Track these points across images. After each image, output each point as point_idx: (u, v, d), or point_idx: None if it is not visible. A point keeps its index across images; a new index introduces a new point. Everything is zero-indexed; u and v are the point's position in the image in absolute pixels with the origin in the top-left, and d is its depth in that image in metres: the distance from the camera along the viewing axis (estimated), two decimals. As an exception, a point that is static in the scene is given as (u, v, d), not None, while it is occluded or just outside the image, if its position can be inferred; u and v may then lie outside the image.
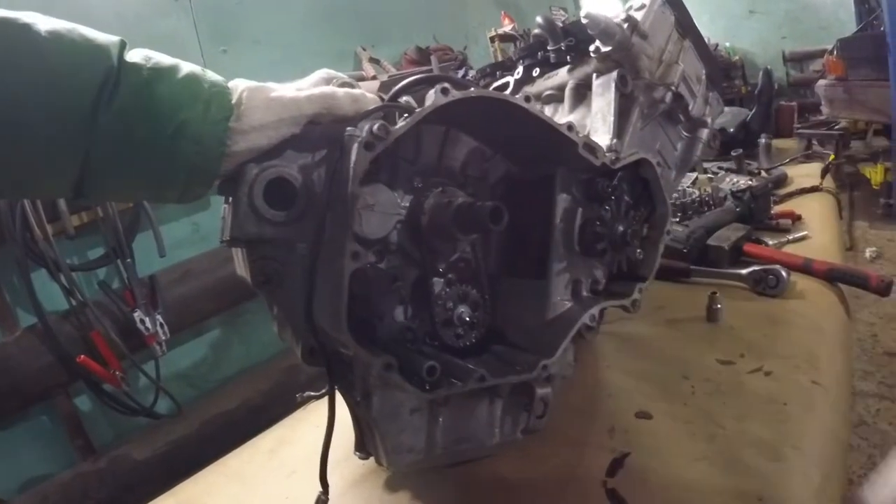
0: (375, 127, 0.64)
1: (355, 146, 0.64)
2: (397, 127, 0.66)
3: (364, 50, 3.11)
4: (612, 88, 0.90)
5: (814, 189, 1.80)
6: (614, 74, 0.91)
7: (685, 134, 1.04)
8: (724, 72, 3.08)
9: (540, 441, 0.93)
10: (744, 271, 1.31)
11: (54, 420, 2.09)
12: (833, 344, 1.12)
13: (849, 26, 3.23)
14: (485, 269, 0.88)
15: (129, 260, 2.32)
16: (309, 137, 0.71)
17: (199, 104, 0.62)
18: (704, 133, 1.04)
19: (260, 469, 1.09)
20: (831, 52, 3.20)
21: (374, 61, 3.09)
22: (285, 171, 0.69)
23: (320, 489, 0.78)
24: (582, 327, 0.86)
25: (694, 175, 1.84)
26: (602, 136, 0.91)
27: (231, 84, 0.67)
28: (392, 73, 2.66)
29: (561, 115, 1.05)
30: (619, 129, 0.91)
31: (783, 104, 2.76)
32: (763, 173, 1.87)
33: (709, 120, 1.04)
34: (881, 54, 2.92)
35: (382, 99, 0.81)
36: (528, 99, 0.76)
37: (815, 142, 2.39)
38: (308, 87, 0.75)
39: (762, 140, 2.07)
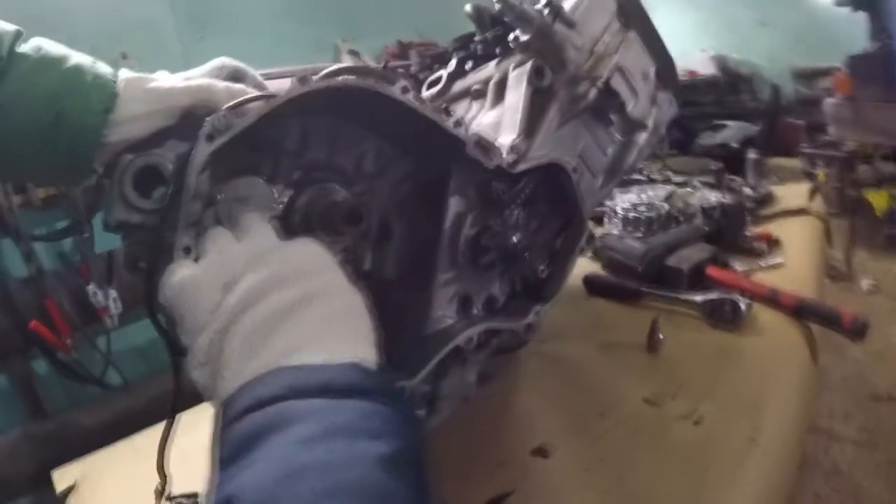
0: (217, 118, 0.59)
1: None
2: (242, 119, 0.60)
3: (344, 42, 3.01)
4: (525, 82, 0.77)
5: (799, 211, 1.64)
6: (528, 66, 0.77)
7: (618, 136, 0.90)
8: (730, 84, 2.92)
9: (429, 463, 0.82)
10: (698, 298, 1.17)
11: (11, 381, 2.11)
12: (785, 392, 0.98)
13: (861, 43, 3.03)
14: (373, 274, 0.79)
15: (86, 235, 2.28)
16: (195, 127, 0.66)
17: (79, 95, 0.64)
18: (642, 137, 0.90)
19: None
20: (840, 70, 3.02)
21: (354, 54, 2.98)
22: (156, 160, 0.66)
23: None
24: (464, 348, 0.74)
25: (670, 188, 1.70)
26: (508, 134, 0.78)
27: (119, 76, 0.68)
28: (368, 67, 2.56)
29: (483, 112, 0.92)
30: (530, 128, 0.78)
31: (789, 121, 2.60)
32: (746, 190, 1.71)
33: (650, 123, 0.91)
34: (892, 73, 2.73)
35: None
36: (405, 90, 0.66)
37: (819, 163, 2.22)
38: (198, 76, 0.75)
39: (750, 155, 1.91)
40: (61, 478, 1.13)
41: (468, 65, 1.00)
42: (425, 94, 1.05)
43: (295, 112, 0.70)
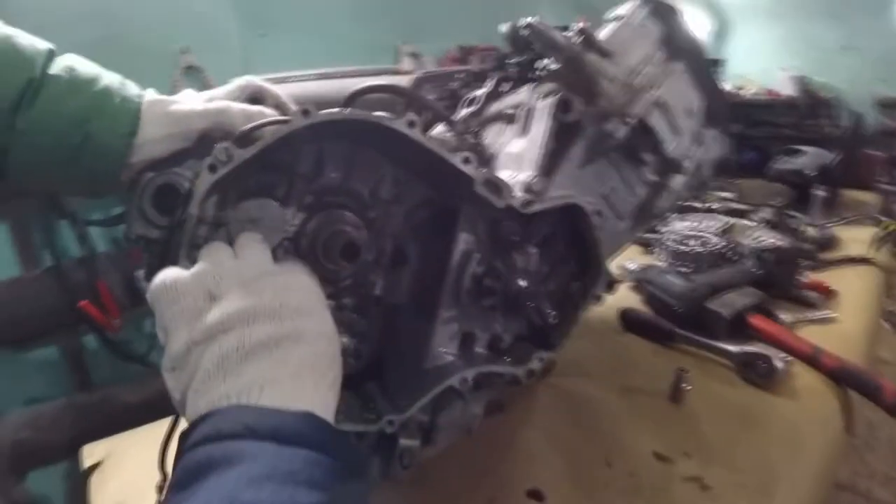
0: (219, 150, 0.60)
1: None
2: (242, 151, 0.61)
3: (405, 45, 2.99)
4: (549, 115, 0.73)
5: (862, 260, 1.51)
6: (554, 99, 0.73)
7: (651, 178, 0.84)
8: (810, 107, 2.73)
9: (416, 487, 0.85)
10: (733, 349, 1.10)
11: (62, 353, 2.17)
12: (808, 466, 0.91)
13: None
14: (384, 299, 0.78)
15: (138, 223, 2.38)
16: (212, 149, 0.67)
17: (106, 118, 0.68)
18: (679, 180, 0.84)
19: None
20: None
21: (414, 56, 2.95)
22: (174, 178, 0.71)
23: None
24: (458, 389, 0.71)
25: (727, 220, 1.61)
26: (526, 170, 0.74)
27: (145, 98, 0.71)
28: (428, 70, 2.52)
29: (513, 140, 0.88)
30: (549, 165, 0.74)
31: (869, 152, 2.41)
32: (809, 230, 1.59)
33: (689, 164, 0.85)
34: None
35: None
36: (411, 124, 0.64)
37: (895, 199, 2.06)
38: (219, 97, 0.78)
39: (818, 192, 1.78)
40: (90, 454, 1.18)
41: (505, 86, 0.97)
42: (461, 112, 1.02)
43: (309, 138, 0.69)
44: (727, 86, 2.99)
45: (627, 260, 1.43)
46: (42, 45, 0.70)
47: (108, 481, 1.09)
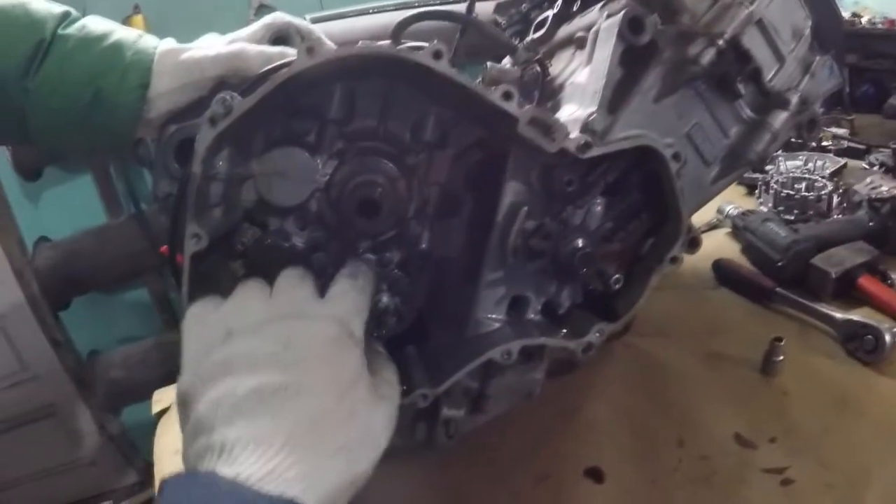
0: (216, 102, 0.54)
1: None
2: (243, 101, 0.54)
3: None
4: (614, 36, 0.60)
5: None
6: (621, 15, 0.59)
7: (748, 114, 0.69)
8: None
9: (465, 456, 0.79)
10: (838, 316, 0.93)
11: (150, 295, 2.26)
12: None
13: None
14: (431, 254, 0.70)
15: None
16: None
17: (115, 73, 0.65)
18: (782, 116, 0.68)
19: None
20: None
21: None
22: (194, 131, 0.62)
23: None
24: (500, 362, 0.62)
25: (841, 161, 1.38)
26: (587, 105, 0.61)
27: (158, 48, 0.67)
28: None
29: (581, 68, 0.75)
30: (615, 99, 0.61)
31: None
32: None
33: (795, 98, 0.68)
34: None
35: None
36: (437, 54, 0.54)
37: None
38: (243, 37, 0.72)
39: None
40: (159, 399, 1.19)
41: (576, 5, 0.83)
42: (532, 37, 0.89)
43: (335, 76, 0.61)
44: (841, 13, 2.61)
45: (726, 202, 1.26)
46: (58, 8, 0.68)
47: (172, 427, 1.09)
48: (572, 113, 0.64)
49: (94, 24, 0.67)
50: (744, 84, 0.68)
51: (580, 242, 0.60)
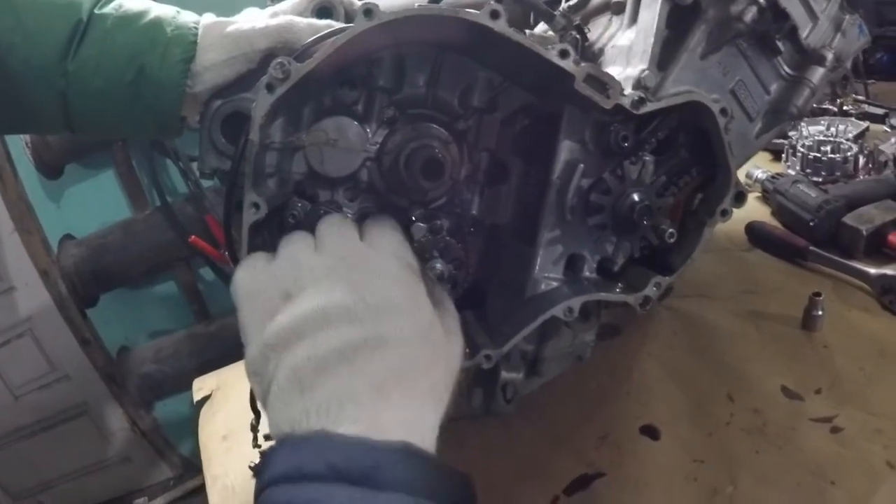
0: (275, 67, 0.54)
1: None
2: (300, 65, 0.54)
3: None
4: (660, -3, 0.62)
5: None
6: (665, -23, 0.62)
7: (787, 71, 0.71)
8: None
9: (524, 420, 0.80)
10: (872, 271, 0.96)
11: (179, 287, 2.28)
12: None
13: None
14: (482, 220, 0.72)
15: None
16: None
17: (158, 49, 0.65)
18: (818, 73, 0.71)
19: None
20: None
21: None
22: (242, 104, 0.66)
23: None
24: (563, 319, 0.64)
25: (864, 124, 1.40)
26: (637, 64, 0.64)
27: (202, 22, 0.68)
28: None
29: (621, 31, 0.77)
30: (665, 56, 0.63)
31: None
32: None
33: (829, 54, 0.71)
34: None
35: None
36: (495, 14, 0.55)
37: None
38: (286, 10, 0.72)
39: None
40: (199, 387, 1.22)
41: None
42: (566, 4, 0.91)
43: (385, 44, 0.63)
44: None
45: (754, 167, 1.28)
46: None
47: (217, 414, 1.12)
48: (620, 73, 0.67)
49: (131, 2, 0.67)
50: (782, 42, 0.71)
51: (637, 196, 0.63)
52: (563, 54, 0.57)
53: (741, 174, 1.29)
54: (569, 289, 0.68)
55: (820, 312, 0.90)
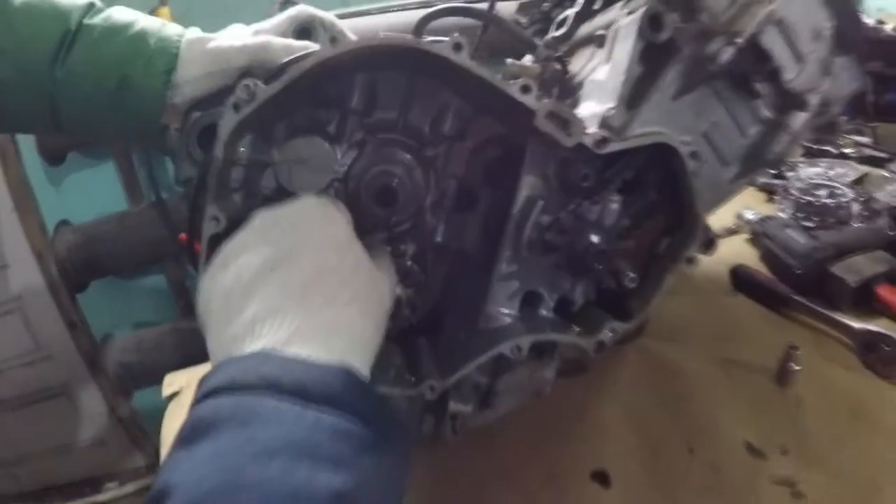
0: (240, 87, 0.56)
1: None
2: (266, 87, 0.56)
3: None
4: (634, 33, 0.59)
5: None
6: (641, 13, 0.59)
7: (766, 115, 0.68)
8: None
9: (475, 450, 0.79)
10: (856, 326, 0.92)
11: (168, 282, 2.25)
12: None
13: None
14: (446, 247, 0.71)
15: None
16: None
17: (141, 59, 0.67)
18: (799, 119, 0.67)
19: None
20: None
21: None
22: (218, 117, 0.63)
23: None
24: (510, 357, 0.62)
25: (863, 169, 1.36)
26: (606, 101, 0.61)
27: (185, 37, 0.70)
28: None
29: (600, 65, 0.75)
30: (634, 95, 0.60)
31: None
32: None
33: (814, 99, 0.67)
34: None
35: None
36: (457, 46, 0.55)
37: None
38: (268, 29, 0.75)
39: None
40: (169, 383, 1.20)
41: (598, 3, 0.82)
42: (552, 34, 0.89)
43: (358, 68, 0.63)
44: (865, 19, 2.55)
45: (746, 208, 1.24)
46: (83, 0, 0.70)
47: (183, 410, 1.10)
48: (590, 109, 0.64)
49: (119, 14, 0.70)
50: (763, 84, 0.67)
51: (595, 238, 0.59)
52: (525, 90, 0.55)
53: (729, 215, 1.26)
54: (523, 325, 0.65)
55: (795, 367, 0.86)
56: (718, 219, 0.74)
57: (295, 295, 0.46)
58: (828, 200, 1.21)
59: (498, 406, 0.73)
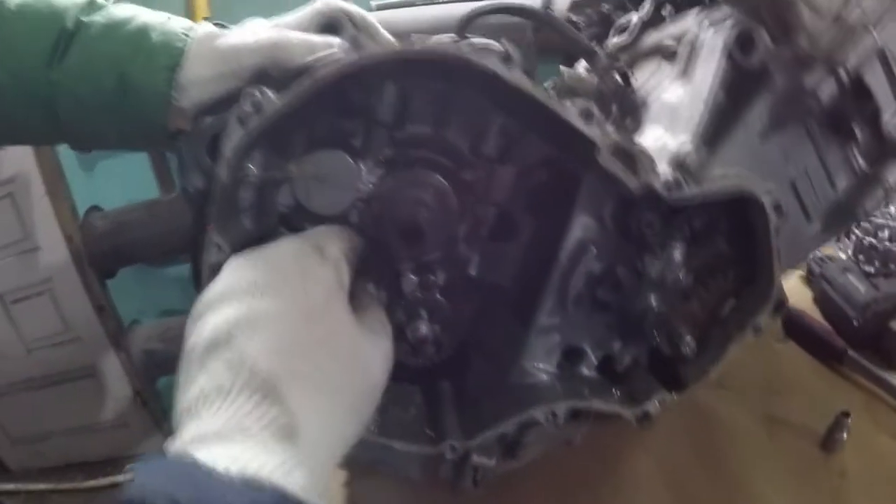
0: (245, 98, 0.48)
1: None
2: (275, 99, 0.47)
3: None
4: (720, 55, 0.48)
5: None
6: (729, 31, 0.48)
7: (860, 164, 0.56)
8: None
9: (494, 499, 0.66)
10: (916, 390, 0.80)
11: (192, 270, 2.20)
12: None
13: None
14: (480, 280, 0.60)
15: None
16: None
17: (140, 55, 0.58)
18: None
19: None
20: None
21: None
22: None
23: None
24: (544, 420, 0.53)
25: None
26: (679, 133, 0.49)
27: (194, 33, 0.60)
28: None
29: (670, 82, 0.63)
30: (716, 130, 0.49)
31: None
32: None
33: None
34: None
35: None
36: (507, 58, 0.45)
37: None
38: (289, 23, 0.63)
39: None
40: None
41: (668, 9, 0.70)
42: (612, 41, 0.77)
43: (388, 74, 0.52)
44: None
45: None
46: None
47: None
48: (659, 138, 0.53)
49: (120, 9, 0.61)
50: (860, 127, 0.55)
51: (654, 300, 0.48)
52: (587, 116, 0.44)
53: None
54: (560, 386, 0.55)
55: (844, 435, 0.75)
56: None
57: (244, 373, 0.37)
58: (891, 244, 1.07)
59: (524, 457, 0.63)
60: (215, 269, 0.50)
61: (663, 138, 0.52)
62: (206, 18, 1.43)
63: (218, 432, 0.34)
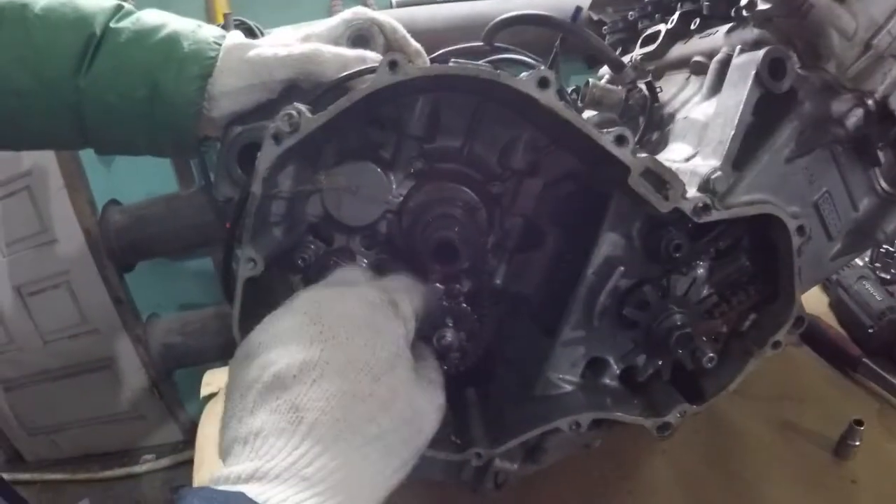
0: (281, 118, 0.47)
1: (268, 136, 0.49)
2: (312, 118, 0.47)
3: None
4: (750, 79, 0.49)
5: None
6: (760, 54, 0.49)
7: (882, 185, 0.57)
8: None
9: (515, 501, 0.72)
10: (927, 399, 0.81)
11: (215, 264, 2.20)
12: None
13: None
14: (505, 290, 0.62)
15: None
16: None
17: (172, 64, 0.59)
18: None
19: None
20: None
21: None
22: (261, 135, 0.55)
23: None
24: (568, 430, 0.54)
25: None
26: (708, 156, 0.51)
27: (224, 42, 0.60)
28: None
29: (698, 98, 0.64)
30: (743, 153, 0.50)
31: None
32: None
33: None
34: None
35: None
36: (543, 83, 0.45)
37: None
38: (319, 34, 0.64)
39: None
40: (208, 382, 1.14)
41: (694, 23, 0.71)
42: (638, 51, 0.78)
43: (419, 89, 0.52)
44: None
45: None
46: (110, 2, 0.62)
47: (219, 415, 1.04)
48: (687, 158, 0.54)
49: (149, 16, 0.61)
50: (886, 152, 0.56)
51: (679, 319, 0.50)
52: (620, 141, 0.45)
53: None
54: (584, 396, 0.57)
55: (857, 442, 0.76)
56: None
57: (308, 420, 0.37)
58: (908, 249, 1.08)
59: (545, 461, 0.65)
60: (251, 284, 0.52)
61: (692, 159, 0.54)
62: (226, 14, 1.44)
63: (273, 474, 0.35)
